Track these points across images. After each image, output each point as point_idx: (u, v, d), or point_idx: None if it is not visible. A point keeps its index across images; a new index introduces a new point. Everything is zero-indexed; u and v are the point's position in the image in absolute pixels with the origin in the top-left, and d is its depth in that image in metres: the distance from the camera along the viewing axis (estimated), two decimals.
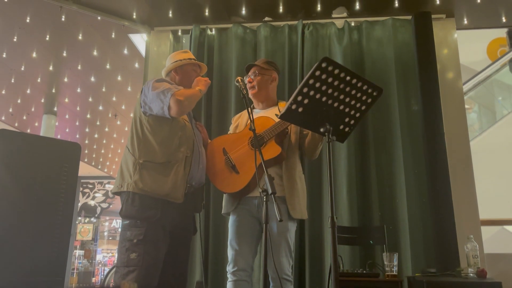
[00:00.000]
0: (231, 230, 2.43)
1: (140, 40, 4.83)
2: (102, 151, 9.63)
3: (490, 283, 2.61)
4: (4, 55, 5.18)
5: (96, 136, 8.43)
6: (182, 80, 2.50)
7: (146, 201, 2.17)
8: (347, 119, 1.94)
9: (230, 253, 2.39)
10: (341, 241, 3.18)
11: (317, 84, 1.79)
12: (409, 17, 3.82)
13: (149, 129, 2.30)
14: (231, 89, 3.81)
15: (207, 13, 3.97)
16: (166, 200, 2.21)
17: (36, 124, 7.52)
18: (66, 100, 6.62)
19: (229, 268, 2.36)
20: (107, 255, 13.74)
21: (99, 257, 13.04)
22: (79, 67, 5.46)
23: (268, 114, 2.54)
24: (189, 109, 2.32)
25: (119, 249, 2.18)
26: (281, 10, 3.92)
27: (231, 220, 2.46)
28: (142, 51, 4.81)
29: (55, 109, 7.00)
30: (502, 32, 6.84)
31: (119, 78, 5.74)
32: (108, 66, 5.39)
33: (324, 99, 1.83)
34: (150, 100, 2.27)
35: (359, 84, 1.87)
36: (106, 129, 8.06)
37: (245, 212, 2.41)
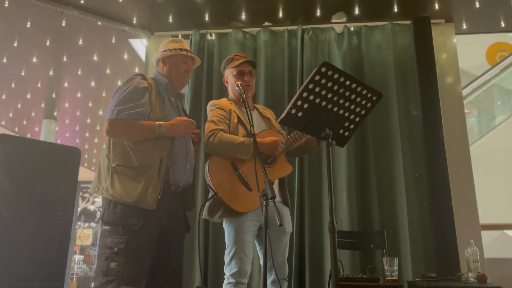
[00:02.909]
0: (238, 237, 2.30)
1: (140, 45, 4.85)
2: None
3: None
4: (4, 60, 5.19)
5: (96, 141, 8.43)
6: (169, 71, 2.35)
7: (127, 208, 2.05)
8: (346, 124, 1.94)
9: (236, 260, 2.27)
10: (341, 246, 3.17)
11: (317, 89, 1.80)
12: (408, 22, 3.84)
13: None
14: None
15: (207, 18, 3.98)
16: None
17: (36, 129, 7.52)
18: (66, 105, 6.63)
19: (234, 274, 2.27)
20: None
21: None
22: (79, 72, 5.47)
23: (255, 117, 2.54)
24: (123, 140, 2.14)
25: (98, 256, 2.04)
26: (280, 15, 3.94)
27: (235, 225, 2.33)
28: (142, 56, 4.83)
29: (55, 114, 7.01)
30: (501, 37, 6.87)
31: (119, 83, 5.75)
32: (108, 71, 5.41)
33: (323, 103, 1.84)
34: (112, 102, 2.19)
35: (358, 89, 1.87)
36: None
37: (249, 218, 2.34)
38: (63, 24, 4.24)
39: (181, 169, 2.22)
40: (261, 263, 2.49)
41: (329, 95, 1.83)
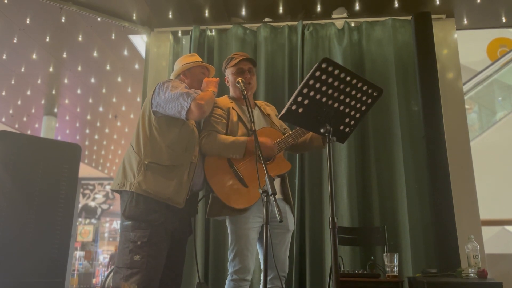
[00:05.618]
0: (241, 233, 2.29)
1: (140, 41, 4.84)
2: (102, 152, 9.63)
3: (490, 284, 2.61)
4: (4, 57, 5.18)
5: (96, 137, 8.43)
6: (191, 83, 2.49)
7: (150, 204, 2.16)
8: (347, 120, 1.94)
9: (239, 257, 2.26)
10: (342, 242, 3.18)
11: (317, 85, 1.79)
12: (409, 18, 3.82)
13: (158, 129, 2.28)
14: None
15: (207, 14, 3.97)
16: (168, 204, 2.20)
17: (36, 125, 7.52)
18: (66, 101, 6.62)
19: (237, 270, 2.25)
20: (107, 256, 13.74)
21: (99, 258, 13.03)
22: (79, 68, 5.46)
23: (256, 115, 2.51)
24: (208, 112, 2.29)
25: (121, 250, 2.13)
26: (281, 10, 3.92)
27: (238, 222, 2.31)
28: (142, 52, 4.81)
29: (55, 110, 7.00)
30: (502, 32, 6.84)
31: (119, 79, 5.74)
32: (108, 67, 5.40)
33: (324, 99, 1.83)
34: (166, 100, 2.24)
35: (359, 85, 1.87)
36: (106, 130, 8.06)
37: (252, 215, 2.32)
38: (63, 20, 4.22)
39: (198, 175, 2.35)
40: (261, 259, 2.49)
41: (330, 91, 1.83)
